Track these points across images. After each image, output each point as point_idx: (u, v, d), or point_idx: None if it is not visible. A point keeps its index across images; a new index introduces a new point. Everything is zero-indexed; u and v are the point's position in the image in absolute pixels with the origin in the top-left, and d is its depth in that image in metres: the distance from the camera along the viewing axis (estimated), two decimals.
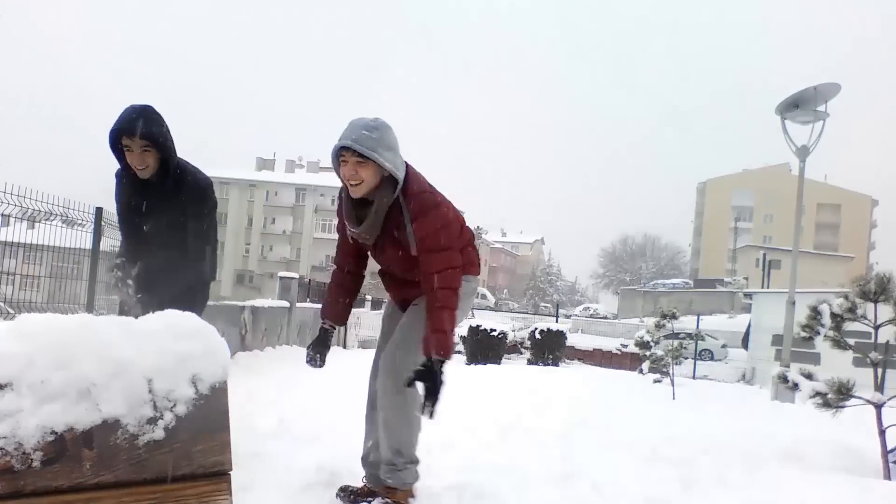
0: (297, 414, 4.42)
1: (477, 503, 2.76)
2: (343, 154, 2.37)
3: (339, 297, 2.75)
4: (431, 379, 2.35)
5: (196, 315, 1.72)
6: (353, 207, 2.49)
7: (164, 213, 3.05)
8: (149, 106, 2.92)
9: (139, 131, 2.80)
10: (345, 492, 2.71)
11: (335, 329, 2.77)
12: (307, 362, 2.69)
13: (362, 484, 2.75)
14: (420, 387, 2.39)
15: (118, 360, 1.13)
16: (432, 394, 2.34)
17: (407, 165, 2.51)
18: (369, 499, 2.61)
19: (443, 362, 2.37)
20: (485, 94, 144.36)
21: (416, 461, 2.66)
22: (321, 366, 2.70)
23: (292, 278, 11.24)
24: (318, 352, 2.69)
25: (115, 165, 3.03)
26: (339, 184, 2.54)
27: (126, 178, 3.03)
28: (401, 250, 2.51)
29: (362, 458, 2.79)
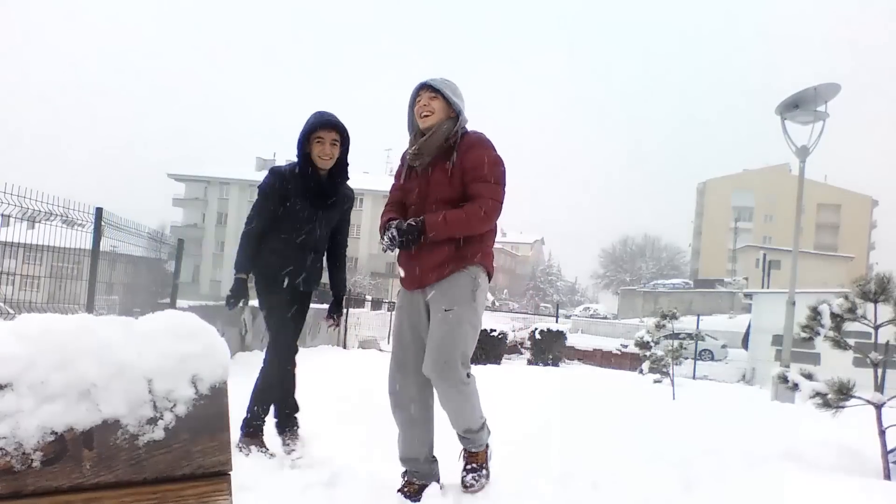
0: (297, 414, 4.42)
1: (477, 503, 2.76)
2: (420, 93, 2.78)
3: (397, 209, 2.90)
4: (408, 233, 2.63)
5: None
6: (417, 133, 2.80)
7: (328, 220, 3.44)
8: None
9: (335, 124, 3.33)
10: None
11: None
12: (390, 241, 2.72)
13: (407, 481, 2.81)
14: (394, 232, 2.67)
15: (118, 361, 1.13)
16: (395, 238, 2.65)
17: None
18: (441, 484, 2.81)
19: (420, 234, 2.63)
20: (484, 93, 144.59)
21: (483, 422, 2.87)
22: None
23: None
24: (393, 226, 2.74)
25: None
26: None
27: (298, 178, 3.35)
28: (449, 175, 2.71)
29: (408, 460, 2.82)
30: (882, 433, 3.78)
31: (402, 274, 2.84)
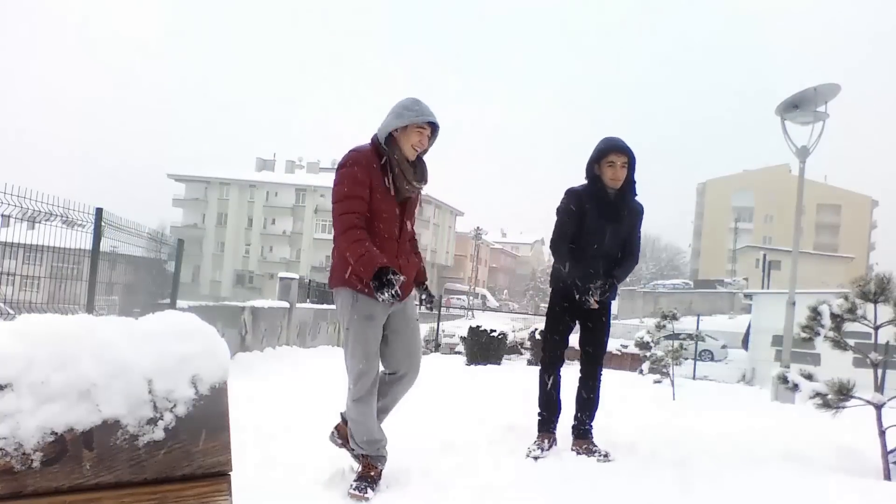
0: (297, 414, 4.43)
1: (478, 501, 2.76)
2: (424, 127, 2.90)
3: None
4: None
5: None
6: (410, 168, 2.95)
7: (617, 233, 3.72)
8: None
9: (624, 149, 3.57)
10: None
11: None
12: (392, 296, 2.71)
13: (373, 465, 2.91)
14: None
15: (118, 361, 1.13)
16: (430, 299, 3.25)
17: None
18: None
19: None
20: (484, 94, 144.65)
21: None
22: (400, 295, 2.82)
23: (292, 279, 11.26)
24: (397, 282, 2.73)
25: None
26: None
27: (591, 196, 3.65)
28: (417, 205, 3.18)
29: (381, 445, 2.98)
30: (882, 433, 3.78)
31: (401, 285, 2.81)
